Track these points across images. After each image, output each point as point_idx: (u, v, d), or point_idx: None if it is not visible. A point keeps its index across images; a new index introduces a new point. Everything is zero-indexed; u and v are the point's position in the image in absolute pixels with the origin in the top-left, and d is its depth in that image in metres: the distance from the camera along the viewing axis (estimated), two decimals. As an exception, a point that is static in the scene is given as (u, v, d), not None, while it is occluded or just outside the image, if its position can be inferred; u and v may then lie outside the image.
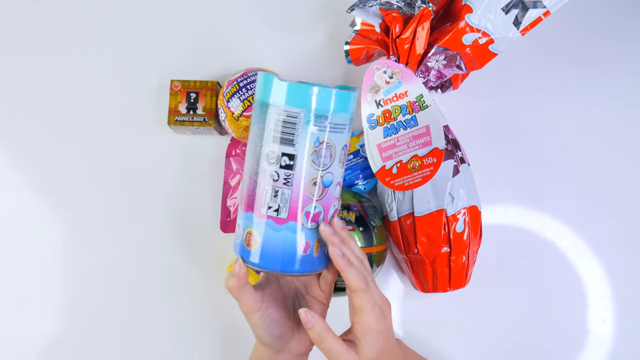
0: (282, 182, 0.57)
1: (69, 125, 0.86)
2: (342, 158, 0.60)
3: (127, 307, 0.82)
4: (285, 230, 0.58)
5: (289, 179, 0.57)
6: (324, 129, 0.57)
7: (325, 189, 0.59)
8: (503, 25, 0.71)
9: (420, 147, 0.73)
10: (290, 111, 0.57)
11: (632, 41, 0.85)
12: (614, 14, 0.85)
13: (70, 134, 0.85)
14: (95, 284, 0.82)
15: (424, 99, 0.73)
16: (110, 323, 0.82)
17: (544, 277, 0.81)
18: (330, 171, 0.59)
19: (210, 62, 0.86)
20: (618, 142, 0.84)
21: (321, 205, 0.59)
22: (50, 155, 0.85)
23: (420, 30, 0.72)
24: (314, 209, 0.59)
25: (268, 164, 0.57)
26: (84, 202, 0.84)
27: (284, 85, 0.57)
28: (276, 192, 0.58)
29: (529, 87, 0.85)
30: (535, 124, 0.84)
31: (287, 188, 0.58)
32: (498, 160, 0.83)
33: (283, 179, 0.57)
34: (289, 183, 0.57)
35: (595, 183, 0.83)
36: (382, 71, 0.75)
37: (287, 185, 0.58)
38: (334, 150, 0.59)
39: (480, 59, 0.74)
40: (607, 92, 0.84)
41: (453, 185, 0.73)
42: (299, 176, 0.57)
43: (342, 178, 0.62)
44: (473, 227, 0.74)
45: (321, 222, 0.59)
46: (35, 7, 0.87)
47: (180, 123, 0.80)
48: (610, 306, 0.81)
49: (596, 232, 0.82)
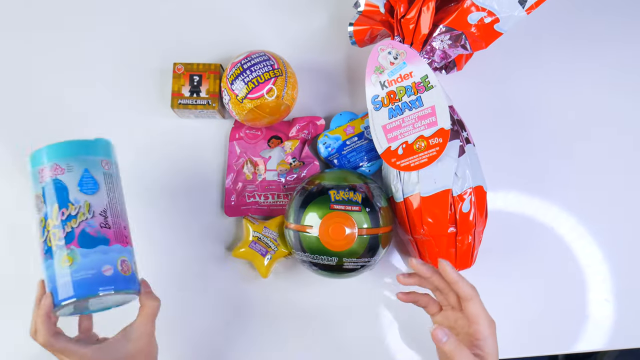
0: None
1: (71, 109, 0.85)
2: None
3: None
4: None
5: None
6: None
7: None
8: (508, 3, 0.70)
9: (425, 128, 0.73)
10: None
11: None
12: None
13: (72, 118, 0.85)
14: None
15: (429, 80, 0.73)
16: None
17: (546, 259, 0.81)
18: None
19: (213, 45, 0.85)
20: (623, 128, 0.84)
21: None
22: (53, 139, 0.84)
23: (425, 10, 0.71)
24: None
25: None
26: None
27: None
28: None
29: (533, 69, 0.85)
30: (539, 105, 0.84)
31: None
32: (502, 141, 0.83)
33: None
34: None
35: (599, 167, 0.83)
36: (386, 52, 0.74)
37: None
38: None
39: (486, 39, 0.74)
40: (615, 75, 0.84)
41: (459, 165, 0.72)
42: None
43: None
44: (479, 207, 0.74)
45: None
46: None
47: (184, 106, 0.80)
48: (610, 288, 0.81)
49: (598, 215, 0.82)
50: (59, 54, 0.86)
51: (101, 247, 0.66)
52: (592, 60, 0.85)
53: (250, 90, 0.75)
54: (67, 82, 0.86)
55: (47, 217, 0.66)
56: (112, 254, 0.66)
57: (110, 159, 0.70)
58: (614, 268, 0.81)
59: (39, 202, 0.67)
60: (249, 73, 0.76)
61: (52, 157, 0.67)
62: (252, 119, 0.78)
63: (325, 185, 0.73)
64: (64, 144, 0.67)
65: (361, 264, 0.72)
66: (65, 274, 0.64)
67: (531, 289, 0.81)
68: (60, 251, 0.65)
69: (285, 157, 0.82)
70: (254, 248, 0.78)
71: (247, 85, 0.75)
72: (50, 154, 0.67)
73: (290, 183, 0.81)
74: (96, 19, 0.87)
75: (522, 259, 0.82)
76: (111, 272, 0.65)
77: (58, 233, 0.65)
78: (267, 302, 0.80)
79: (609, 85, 0.84)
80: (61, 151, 0.67)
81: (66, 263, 0.64)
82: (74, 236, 0.65)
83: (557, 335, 0.80)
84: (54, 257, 0.65)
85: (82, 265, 0.65)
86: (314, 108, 0.84)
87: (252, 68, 0.76)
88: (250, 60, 0.77)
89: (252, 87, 0.75)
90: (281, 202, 0.81)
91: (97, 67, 0.86)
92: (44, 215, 0.67)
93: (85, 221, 0.66)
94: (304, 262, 0.74)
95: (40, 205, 0.67)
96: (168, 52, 0.85)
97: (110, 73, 0.85)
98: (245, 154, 0.83)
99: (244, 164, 0.82)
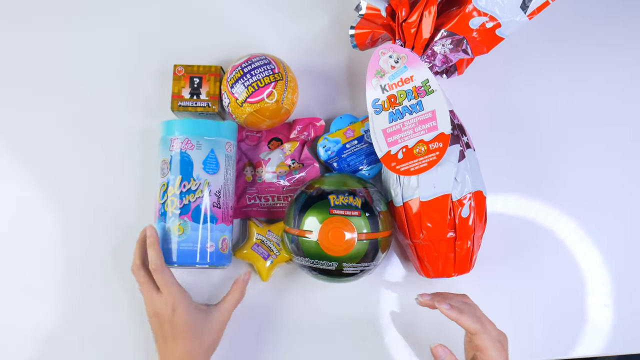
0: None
1: (71, 112, 0.85)
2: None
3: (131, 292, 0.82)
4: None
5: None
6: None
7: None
8: (510, 9, 0.70)
9: (426, 132, 0.73)
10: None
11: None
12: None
13: (72, 121, 0.84)
14: (98, 269, 0.82)
15: (429, 84, 0.73)
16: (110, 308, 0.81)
17: (546, 263, 0.82)
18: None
19: (214, 47, 0.85)
20: (623, 132, 0.84)
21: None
22: (51, 142, 0.84)
23: (427, 15, 0.71)
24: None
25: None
26: (85, 188, 0.83)
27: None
28: None
29: (535, 73, 0.84)
30: (539, 111, 0.84)
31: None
32: (502, 145, 0.83)
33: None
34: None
35: (599, 171, 0.83)
36: (387, 55, 0.74)
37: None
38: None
39: (487, 43, 0.73)
40: (617, 77, 0.84)
41: (459, 170, 0.72)
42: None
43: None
44: (478, 212, 0.74)
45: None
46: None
47: (184, 108, 0.80)
48: (610, 292, 0.81)
49: (597, 219, 0.82)
50: (58, 55, 0.86)
51: (209, 224, 0.73)
52: (593, 65, 0.84)
53: (250, 94, 0.75)
54: (67, 83, 0.85)
55: (169, 184, 0.73)
56: (216, 232, 0.74)
57: (234, 141, 0.77)
58: (613, 272, 0.82)
59: (164, 167, 0.74)
60: (249, 77, 0.76)
61: (185, 131, 0.74)
62: (252, 122, 0.77)
63: (324, 189, 0.72)
64: (199, 122, 0.75)
65: (360, 268, 0.72)
66: (174, 241, 0.72)
67: (530, 294, 0.81)
68: (175, 219, 0.73)
69: (285, 159, 0.81)
70: (257, 251, 0.79)
71: (247, 89, 0.75)
72: (184, 127, 0.74)
73: (290, 185, 0.81)
74: (96, 19, 0.86)
75: (521, 263, 0.82)
76: (213, 249, 0.73)
77: (176, 202, 0.73)
78: (266, 305, 0.80)
79: (610, 90, 0.84)
80: (195, 128, 0.74)
81: (177, 232, 0.72)
82: (189, 209, 0.72)
83: (556, 339, 0.80)
84: (167, 222, 0.73)
85: (190, 237, 0.72)
86: (314, 110, 0.84)
87: (252, 72, 0.76)
88: (250, 64, 0.76)
89: (252, 91, 0.75)
90: (281, 204, 0.81)
91: (96, 68, 0.85)
92: (167, 181, 0.74)
93: (202, 198, 0.73)
94: (303, 267, 0.74)
95: (165, 170, 0.74)
96: (168, 54, 0.85)
97: (110, 74, 0.85)
98: (246, 156, 0.83)
99: (244, 165, 0.82)
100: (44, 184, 0.83)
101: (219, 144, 0.75)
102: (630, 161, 0.83)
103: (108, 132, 0.84)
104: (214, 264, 0.74)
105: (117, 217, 0.82)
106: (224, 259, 0.75)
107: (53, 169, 0.84)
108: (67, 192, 0.83)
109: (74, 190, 0.83)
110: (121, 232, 0.81)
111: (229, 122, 0.77)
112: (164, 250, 0.72)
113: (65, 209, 0.83)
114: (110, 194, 0.83)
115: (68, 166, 0.83)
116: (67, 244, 0.82)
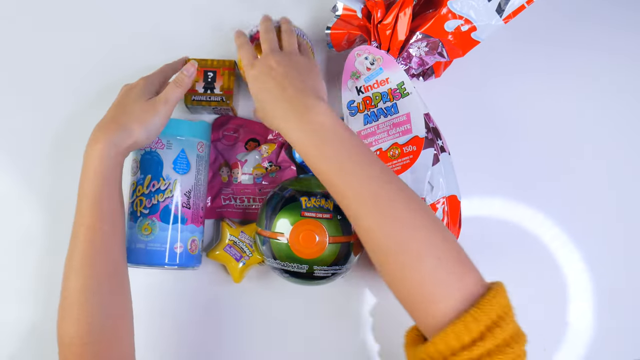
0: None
1: (83, 104, 0.84)
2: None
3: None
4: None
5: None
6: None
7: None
8: (486, 12, 0.70)
9: (400, 135, 0.72)
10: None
11: (618, 26, 0.84)
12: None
13: (84, 114, 0.83)
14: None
15: (405, 86, 0.72)
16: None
17: (524, 268, 0.81)
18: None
19: (227, 42, 0.84)
20: (602, 134, 0.83)
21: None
22: (62, 140, 0.83)
23: (402, 16, 0.71)
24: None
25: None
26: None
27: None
28: None
29: (512, 76, 0.84)
30: (517, 114, 0.83)
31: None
32: (480, 149, 0.82)
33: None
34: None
35: (578, 175, 0.82)
36: (363, 57, 0.74)
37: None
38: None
39: (463, 47, 0.73)
40: (593, 82, 0.84)
41: (432, 174, 0.72)
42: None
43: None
44: (452, 216, 0.73)
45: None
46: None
47: (198, 102, 0.79)
48: (590, 298, 0.81)
49: (578, 224, 0.82)
50: (72, 50, 0.85)
51: (178, 225, 0.72)
52: (571, 68, 0.84)
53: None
54: (79, 76, 0.85)
55: (138, 184, 0.72)
56: (185, 233, 0.73)
57: (206, 141, 0.76)
58: (594, 279, 0.81)
59: (135, 166, 0.73)
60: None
61: None
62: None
63: (296, 191, 0.72)
64: (170, 122, 0.72)
65: (332, 271, 0.72)
66: (142, 242, 0.71)
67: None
68: (143, 219, 0.72)
69: (262, 160, 0.81)
70: (229, 252, 0.78)
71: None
72: None
73: (266, 187, 0.81)
74: (109, 13, 0.86)
75: (497, 268, 0.80)
76: (181, 250, 0.72)
77: (145, 202, 0.72)
78: (238, 307, 0.80)
79: (590, 93, 0.84)
80: (166, 127, 0.71)
81: (145, 232, 0.71)
82: (158, 209, 0.71)
83: (535, 347, 0.80)
84: (136, 222, 0.72)
85: (158, 237, 0.71)
86: (291, 111, 0.83)
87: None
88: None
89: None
90: (256, 205, 0.81)
91: (110, 62, 0.85)
92: (136, 180, 0.73)
93: (171, 198, 0.72)
94: (274, 269, 0.73)
95: (135, 169, 0.73)
96: (182, 48, 0.83)
97: (124, 69, 0.84)
98: (222, 156, 0.82)
99: (220, 166, 0.81)
100: (52, 186, 0.83)
101: (191, 143, 0.74)
102: (611, 164, 0.83)
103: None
104: (183, 265, 0.73)
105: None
106: (194, 260, 0.74)
107: (62, 169, 0.83)
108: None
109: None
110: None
111: (202, 122, 0.76)
112: (131, 251, 0.71)
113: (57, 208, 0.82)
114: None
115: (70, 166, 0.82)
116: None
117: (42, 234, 0.82)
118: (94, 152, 0.65)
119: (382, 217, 0.56)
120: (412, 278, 0.54)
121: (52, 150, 0.83)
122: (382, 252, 0.56)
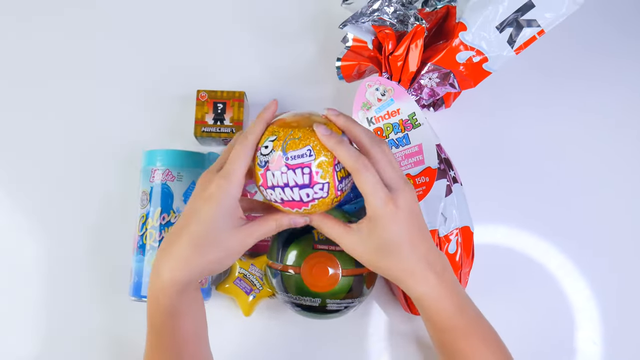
0: None
1: (92, 137, 0.84)
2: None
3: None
4: None
5: None
6: None
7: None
8: (497, 43, 0.70)
9: (412, 166, 0.72)
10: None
11: (628, 57, 0.85)
12: (611, 31, 0.85)
13: (93, 146, 0.83)
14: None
15: (416, 117, 0.72)
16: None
17: (533, 297, 0.80)
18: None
19: (235, 73, 0.85)
20: (612, 163, 0.83)
21: None
22: (73, 167, 0.83)
23: (414, 48, 0.71)
24: None
25: None
26: (105, 215, 0.81)
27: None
28: None
29: (522, 107, 0.84)
30: (528, 144, 0.83)
31: None
32: (490, 179, 0.82)
33: None
34: None
35: (588, 204, 0.82)
36: (374, 88, 0.73)
37: None
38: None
39: (474, 78, 0.73)
40: (604, 114, 0.84)
41: (445, 205, 0.71)
42: None
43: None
44: (465, 248, 0.72)
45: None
46: (59, 18, 0.87)
47: (207, 134, 0.78)
48: (598, 327, 0.80)
49: (586, 252, 0.81)
50: (79, 79, 0.85)
51: None
52: (581, 99, 0.84)
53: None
54: (88, 108, 0.84)
55: (149, 216, 0.72)
56: None
57: None
58: (602, 307, 0.80)
59: (144, 198, 0.73)
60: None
61: (166, 162, 0.73)
62: None
63: (309, 223, 0.71)
64: (181, 153, 0.73)
65: (345, 304, 0.71)
66: None
67: (517, 329, 0.79)
68: (153, 252, 0.71)
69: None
70: (239, 285, 0.77)
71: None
72: (165, 158, 0.73)
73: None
74: (118, 43, 0.86)
75: (509, 298, 0.80)
76: None
77: (155, 234, 0.71)
78: (248, 341, 0.79)
79: (599, 124, 0.84)
80: (176, 159, 0.72)
81: None
82: None
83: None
84: (146, 255, 0.71)
85: None
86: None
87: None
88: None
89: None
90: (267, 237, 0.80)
91: (119, 93, 0.84)
92: (146, 212, 0.72)
93: None
94: (286, 303, 0.72)
95: (145, 202, 0.73)
96: (191, 79, 0.84)
97: (133, 99, 0.84)
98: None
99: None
100: (62, 207, 0.82)
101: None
102: (618, 194, 0.82)
103: (130, 158, 0.82)
104: None
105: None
106: (203, 293, 0.73)
107: (72, 193, 0.82)
108: (89, 215, 0.82)
109: (94, 215, 0.82)
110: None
111: (212, 153, 0.76)
112: (140, 284, 0.70)
113: (87, 233, 0.82)
114: (128, 221, 0.80)
115: (90, 190, 0.82)
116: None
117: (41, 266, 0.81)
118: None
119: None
120: None
121: (81, 178, 0.83)
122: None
